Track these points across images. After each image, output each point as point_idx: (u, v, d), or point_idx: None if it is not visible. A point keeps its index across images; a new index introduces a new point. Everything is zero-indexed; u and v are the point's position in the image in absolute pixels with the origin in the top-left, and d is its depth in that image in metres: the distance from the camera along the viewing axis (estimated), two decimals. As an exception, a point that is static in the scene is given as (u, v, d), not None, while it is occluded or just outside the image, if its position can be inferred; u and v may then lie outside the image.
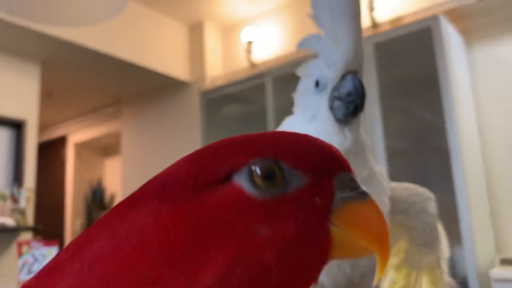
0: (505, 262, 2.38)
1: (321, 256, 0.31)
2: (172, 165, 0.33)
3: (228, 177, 0.31)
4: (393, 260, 0.86)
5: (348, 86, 0.65)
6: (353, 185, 0.32)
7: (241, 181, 0.31)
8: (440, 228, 0.87)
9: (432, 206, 0.83)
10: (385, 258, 0.31)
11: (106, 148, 5.61)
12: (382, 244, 0.31)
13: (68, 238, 4.98)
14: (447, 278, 0.83)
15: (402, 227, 0.84)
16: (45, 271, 0.31)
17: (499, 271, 2.24)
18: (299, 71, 0.75)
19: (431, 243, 0.83)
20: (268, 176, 0.30)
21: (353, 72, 0.66)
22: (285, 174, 0.31)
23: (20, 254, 1.73)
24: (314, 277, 0.31)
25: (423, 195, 0.83)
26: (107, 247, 0.30)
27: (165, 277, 0.28)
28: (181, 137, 3.75)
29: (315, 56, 0.72)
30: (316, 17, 0.71)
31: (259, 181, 0.30)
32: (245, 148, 0.32)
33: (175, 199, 0.30)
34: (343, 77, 0.66)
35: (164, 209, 0.30)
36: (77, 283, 0.29)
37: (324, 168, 0.32)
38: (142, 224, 0.30)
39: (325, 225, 0.31)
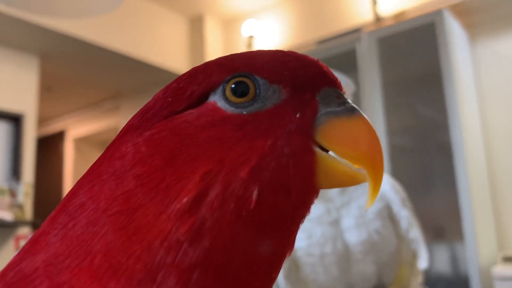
0: (507, 259, 2.37)
1: (307, 179, 0.29)
2: (152, 98, 0.33)
3: (204, 99, 0.30)
4: None
5: None
6: (340, 101, 0.30)
7: (216, 99, 0.30)
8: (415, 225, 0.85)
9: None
10: (377, 178, 0.29)
11: (105, 142, 5.60)
12: (374, 163, 0.29)
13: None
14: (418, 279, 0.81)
15: None
16: (28, 243, 0.30)
17: (501, 269, 2.24)
18: None
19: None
20: (243, 91, 0.29)
21: None
22: (261, 89, 0.30)
23: (18, 248, 1.72)
24: (304, 207, 0.29)
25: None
26: (89, 193, 0.29)
27: (141, 205, 0.27)
28: (181, 132, 3.73)
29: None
30: None
31: (233, 97, 0.29)
32: (219, 67, 0.31)
33: (152, 126, 0.30)
34: None
35: (140, 137, 0.30)
36: (59, 242, 0.27)
37: (304, 82, 0.30)
38: (122, 158, 0.29)
39: (307, 142, 0.29)
